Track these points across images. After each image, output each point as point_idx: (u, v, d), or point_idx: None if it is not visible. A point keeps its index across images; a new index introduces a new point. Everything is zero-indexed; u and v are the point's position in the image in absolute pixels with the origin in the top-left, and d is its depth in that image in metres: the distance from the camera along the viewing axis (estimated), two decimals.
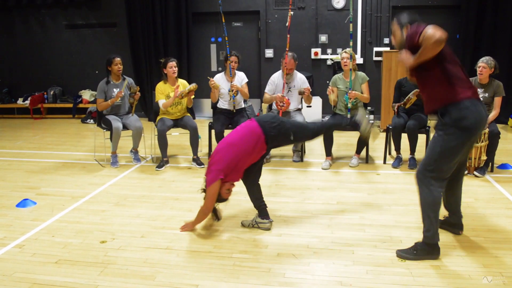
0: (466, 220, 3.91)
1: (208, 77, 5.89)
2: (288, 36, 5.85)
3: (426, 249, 3.23)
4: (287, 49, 5.75)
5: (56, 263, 3.29)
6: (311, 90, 5.80)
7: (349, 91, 5.54)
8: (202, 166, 5.76)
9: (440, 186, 3.15)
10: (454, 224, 3.64)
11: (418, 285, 2.90)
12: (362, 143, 5.71)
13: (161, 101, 5.75)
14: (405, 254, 3.26)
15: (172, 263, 3.27)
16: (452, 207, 3.61)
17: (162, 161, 5.77)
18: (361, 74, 5.75)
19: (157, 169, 5.66)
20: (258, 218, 3.84)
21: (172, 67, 5.72)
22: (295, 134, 3.80)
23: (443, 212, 3.69)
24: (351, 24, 5.73)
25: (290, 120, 4.43)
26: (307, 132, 3.99)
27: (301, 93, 5.76)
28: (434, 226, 3.19)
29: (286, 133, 3.75)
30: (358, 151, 5.81)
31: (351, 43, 5.75)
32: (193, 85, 5.60)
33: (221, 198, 3.73)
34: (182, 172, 5.58)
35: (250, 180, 3.83)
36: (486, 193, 4.65)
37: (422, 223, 3.24)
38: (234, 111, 5.98)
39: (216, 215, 3.96)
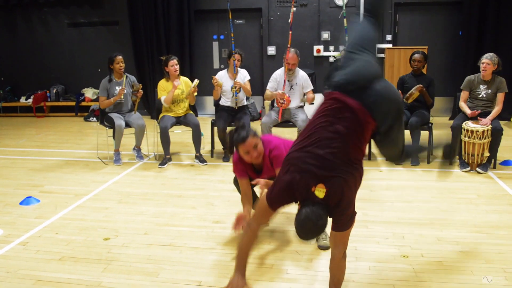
0: (469, 216, 3.92)
1: (212, 76, 5.90)
2: (290, 32, 5.85)
3: None
4: (288, 45, 5.75)
5: (59, 260, 3.31)
6: (314, 97, 5.87)
7: None
8: (205, 163, 5.77)
9: None
10: None
11: (421, 281, 2.91)
12: None
13: (163, 97, 5.79)
14: None
15: (175, 260, 3.28)
16: None
17: (164, 159, 5.78)
18: None
19: (160, 166, 5.67)
20: None
21: (173, 65, 5.73)
22: None
23: None
24: (345, 19, 5.72)
25: None
26: None
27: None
28: None
29: None
30: None
31: (346, 38, 5.74)
32: (196, 81, 5.65)
33: None
34: (185, 170, 5.59)
35: None
36: (488, 189, 4.65)
37: None
38: (237, 108, 5.99)
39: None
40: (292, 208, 4.18)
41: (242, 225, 3.19)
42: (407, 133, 5.54)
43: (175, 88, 5.66)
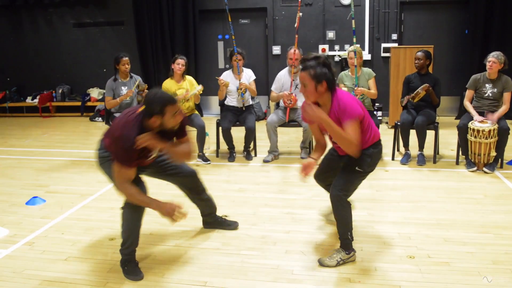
0: (476, 217, 3.89)
1: (216, 77, 5.90)
2: (297, 36, 5.84)
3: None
4: (294, 48, 5.74)
5: (65, 260, 3.31)
6: None
7: (355, 88, 5.50)
8: (208, 162, 5.77)
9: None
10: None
11: (427, 282, 2.89)
12: None
13: None
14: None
15: (181, 260, 3.28)
16: None
17: None
18: (367, 70, 5.71)
19: None
20: (343, 253, 3.20)
21: (179, 64, 5.76)
22: None
23: None
24: (353, 21, 5.72)
25: None
26: None
27: None
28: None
29: None
30: None
31: (354, 40, 5.74)
32: (199, 89, 5.65)
33: None
34: None
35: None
36: (495, 189, 4.62)
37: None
38: (244, 108, 5.98)
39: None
40: (296, 208, 4.17)
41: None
42: (413, 132, 5.54)
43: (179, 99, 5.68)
